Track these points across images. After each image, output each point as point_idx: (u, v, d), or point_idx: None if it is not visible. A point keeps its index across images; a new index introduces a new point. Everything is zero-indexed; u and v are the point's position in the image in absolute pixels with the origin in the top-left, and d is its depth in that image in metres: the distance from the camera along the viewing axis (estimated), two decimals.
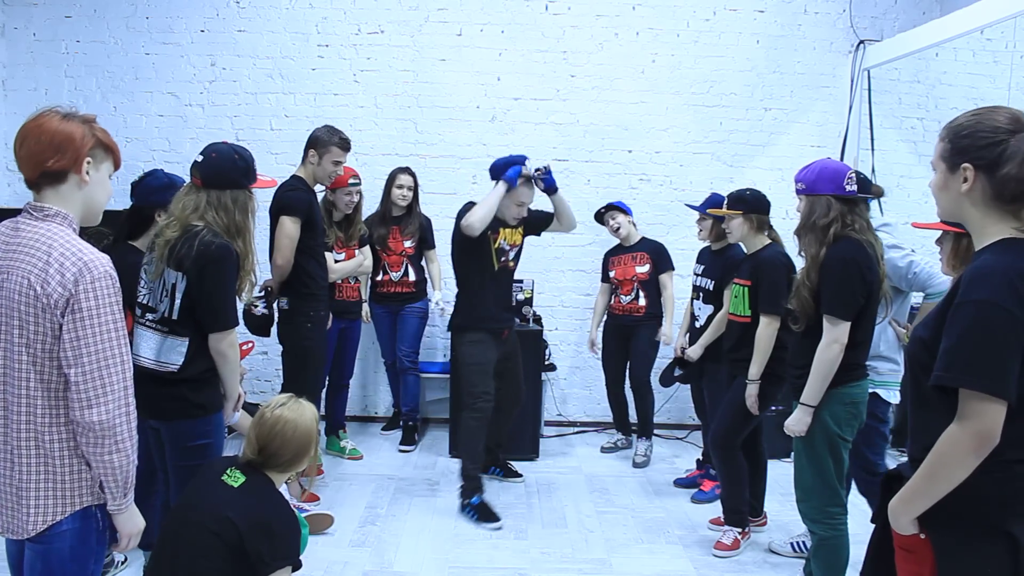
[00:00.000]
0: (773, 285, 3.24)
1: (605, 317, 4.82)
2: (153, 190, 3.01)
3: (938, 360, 1.49)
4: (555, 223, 4.03)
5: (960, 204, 1.58)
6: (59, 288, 1.64)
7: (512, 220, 3.83)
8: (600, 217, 4.70)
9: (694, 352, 4.04)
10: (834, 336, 2.60)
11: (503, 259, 3.83)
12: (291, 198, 3.46)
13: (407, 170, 4.69)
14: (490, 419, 3.83)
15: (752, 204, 3.44)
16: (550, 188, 3.80)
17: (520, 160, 3.73)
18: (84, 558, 1.77)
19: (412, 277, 4.71)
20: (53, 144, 1.70)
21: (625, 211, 4.64)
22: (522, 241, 3.97)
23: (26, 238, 1.70)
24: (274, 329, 3.69)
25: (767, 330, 3.22)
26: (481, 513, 3.73)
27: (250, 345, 3.87)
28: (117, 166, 1.84)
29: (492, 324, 3.83)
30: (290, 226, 3.48)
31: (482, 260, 3.77)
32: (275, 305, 3.62)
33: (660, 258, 4.60)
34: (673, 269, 4.62)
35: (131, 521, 1.83)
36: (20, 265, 1.67)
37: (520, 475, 4.31)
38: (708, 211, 3.94)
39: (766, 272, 3.30)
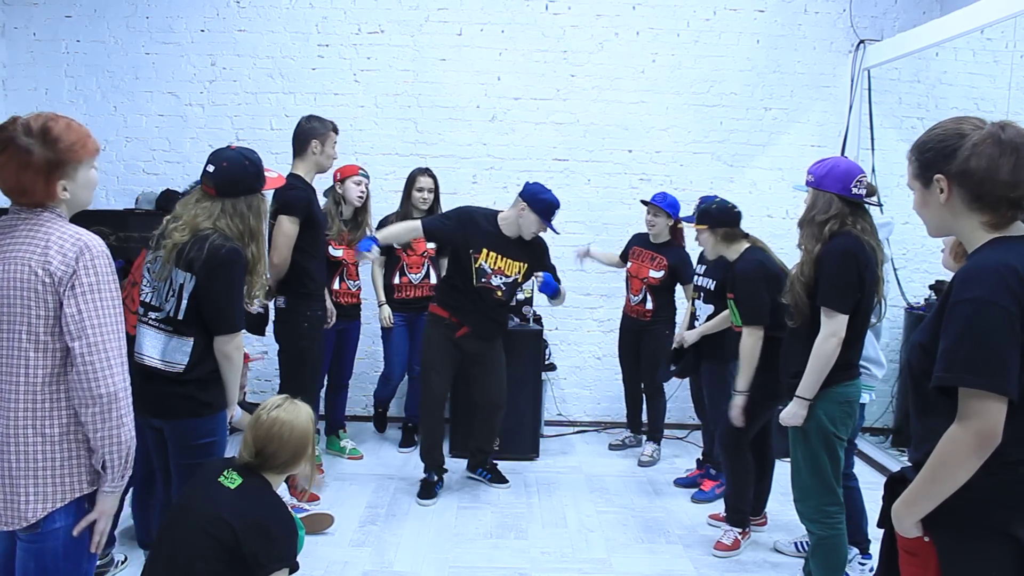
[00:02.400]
0: (750, 297, 3.25)
1: (621, 320, 4.73)
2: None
3: (937, 362, 1.49)
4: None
5: (943, 217, 1.59)
6: (62, 266, 1.69)
7: (518, 235, 3.82)
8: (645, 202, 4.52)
9: (691, 336, 3.96)
10: (832, 329, 2.59)
11: (483, 279, 3.81)
12: (289, 197, 3.45)
13: (427, 171, 4.54)
14: (434, 407, 3.98)
15: (716, 218, 3.45)
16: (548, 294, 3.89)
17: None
18: (78, 556, 1.77)
19: (433, 280, 4.55)
20: (19, 187, 1.73)
21: (668, 212, 4.37)
22: (520, 277, 3.88)
23: (22, 230, 1.74)
24: (272, 329, 3.69)
25: (749, 340, 3.23)
26: (422, 488, 4.02)
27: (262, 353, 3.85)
28: (96, 152, 1.82)
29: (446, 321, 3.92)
30: (288, 225, 3.48)
31: (464, 273, 3.83)
32: (271, 304, 3.62)
33: (680, 270, 4.39)
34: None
35: (114, 502, 1.83)
36: (18, 253, 1.71)
37: (506, 481, 4.22)
38: (680, 223, 3.96)
39: (740, 284, 3.32)
